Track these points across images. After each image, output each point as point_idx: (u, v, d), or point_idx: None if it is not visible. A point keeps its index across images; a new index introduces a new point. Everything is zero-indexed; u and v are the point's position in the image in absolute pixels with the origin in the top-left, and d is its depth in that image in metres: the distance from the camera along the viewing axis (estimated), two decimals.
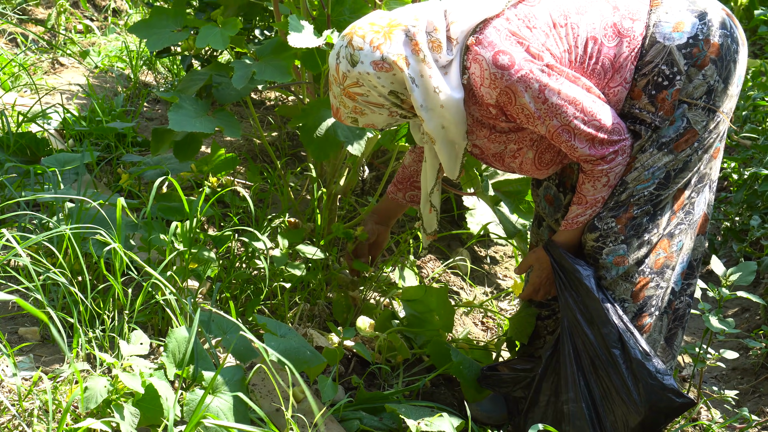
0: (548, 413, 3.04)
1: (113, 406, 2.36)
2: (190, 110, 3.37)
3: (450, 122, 2.84)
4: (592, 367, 2.93)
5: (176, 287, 3.04)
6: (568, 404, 2.95)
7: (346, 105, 2.90)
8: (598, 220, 2.93)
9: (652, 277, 2.98)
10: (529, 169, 3.00)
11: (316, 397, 3.03)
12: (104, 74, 6.08)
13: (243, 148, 4.90)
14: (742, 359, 4.24)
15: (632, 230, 2.93)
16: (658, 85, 2.83)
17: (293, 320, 3.50)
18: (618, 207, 2.92)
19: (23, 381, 2.58)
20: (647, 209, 2.92)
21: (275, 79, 3.34)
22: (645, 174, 2.88)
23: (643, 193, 2.90)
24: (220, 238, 3.37)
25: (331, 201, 3.95)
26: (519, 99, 2.74)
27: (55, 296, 2.98)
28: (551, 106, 2.74)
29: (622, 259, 2.94)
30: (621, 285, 2.97)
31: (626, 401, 2.88)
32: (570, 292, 2.98)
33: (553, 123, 2.77)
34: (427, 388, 3.42)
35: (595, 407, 2.93)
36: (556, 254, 3.02)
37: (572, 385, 2.95)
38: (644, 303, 2.99)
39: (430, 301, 3.56)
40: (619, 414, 2.90)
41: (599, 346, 2.91)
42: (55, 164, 3.58)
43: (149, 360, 2.81)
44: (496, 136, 2.92)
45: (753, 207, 5.10)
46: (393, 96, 2.84)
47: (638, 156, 2.88)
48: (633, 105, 2.87)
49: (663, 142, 2.86)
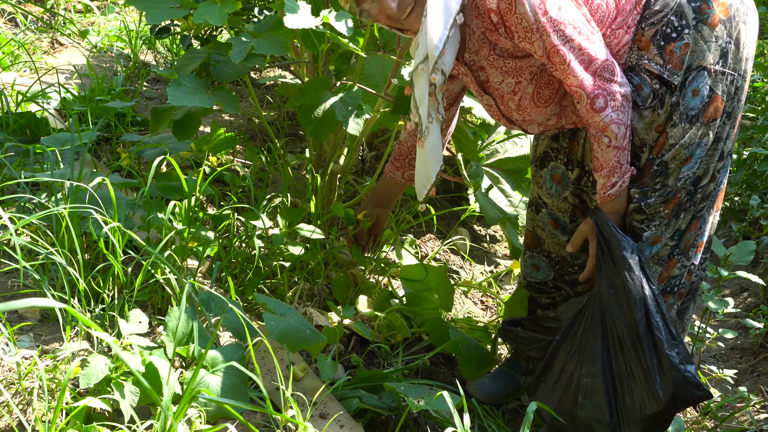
0: (561, 380, 3.00)
1: (113, 385, 2.37)
2: (189, 87, 3.37)
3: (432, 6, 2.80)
4: (619, 347, 2.88)
5: (176, 266, 3.05)
6: (588, 378, 2.91)
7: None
8: (644, 205, 2.89)
9: (679, 257, 2.98)
10: (527, 106, 2.96)
11: (316, 376, 3.04)
12: (103, 54, 6.07)
13: (242, 127, 4.90)
14: (740, 339, 4.25)
15: (675, 214, 2.92)
16: (667, 36, 2.80)
17: (293, 299, 3.50)
18: (666, 191, 2.89)
19: (23, 360, 2.58)
20: (689, 189, 2.92)
21: (273, 53, 3.33)
22: (684, 153, 2.86)
23: (688, 175, 2.88)
24: (219, 217, 3.37)
25: (331, 181, 3.95)
26: (519, 7, 2.71)
27: (54, 276, 2.99)
28: (549, 20, 2.71)
29: (658, 239, 2.93)
30: (652, 267, 2.95)
31: (648, 389, 2.84)
32: (609, 267, 2.90)
33: (550, 39, 2.73)
34: (426, 367, 3.43)
35: (614, 387, 2.92)
36: (603, 225, 2.92)
37: (595, 360, 2.91)
38: (668, 284, 2.99)
39: (430, 280, 3.57)
40: (637, 399, 2.86)
41: (628, 329, 2.85)
42: (54, 144, 3.57)
43: (149, 339, 2.81)
44: (495, 59, 2.90)
45: (752, 187, 5.10)
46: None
47: (669, 131, 2.84)
48: (641, 56, 2.83)
49: (692, 114, 2.83)
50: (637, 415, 2.87)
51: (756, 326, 3.88)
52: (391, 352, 3.45)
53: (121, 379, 2.42)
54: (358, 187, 4.35)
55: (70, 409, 2.31)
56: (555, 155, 3.17)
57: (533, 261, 3.37)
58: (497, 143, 4.25)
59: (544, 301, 3.38)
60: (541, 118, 3.00)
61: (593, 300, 2.95)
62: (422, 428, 3.02)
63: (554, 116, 3.00)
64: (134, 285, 2.86)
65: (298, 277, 3.62)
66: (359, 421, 2.86)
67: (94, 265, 3.01)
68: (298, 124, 4.95)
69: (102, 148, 4.42)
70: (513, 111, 3.01)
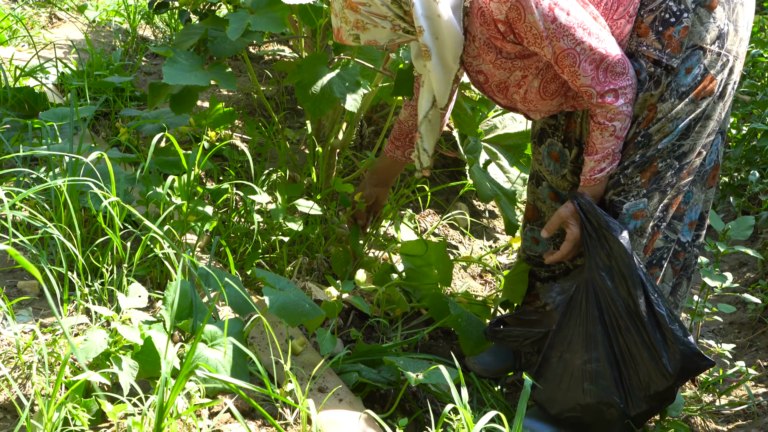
0: (561, 370, 3.02)
1: (112, 359, 2.37)
2: (185, 64, 3.36)
3: (444, 35, 2.80)
4: (618, 328, 2.88)
5: (175, 241, 3.05)
6: (592, 363, 2.91)
7: (347, 20, 2.85)
8: (622, 176, 2.91)
9: (662, 230, 2.98)
10: (533, 99, 2.96)
11: (315, 350, 3.05)
12: (102, 28, 6.05)
13: (241, 102, 4.89)
14: (739, 314, 4.26)
15: (655, 184, 2.91)
16: (665, 21, 2.80)
17: (292, 274, 3.51)
18: (644, 161, 2.89)
19: (22, 334, 2.59)
20: (670, 162, 2.90)
21: (270, 29, 3.32)
22: (669, 126, 2.86)
23: (667, 145, 2.88)
24: (218, 191, 3.37)
25: (330, 155, 3.95)
26: (528, 16, 2.70)
27: (54, 251, 2.99)
28: (559, 26, 2.70)
29: (642, 213, 2.92)
30: (636, 240, 2.95)
31: (655, 366, 2.84)
32: (598, 250, 2.90)
33: (560, 44, 2.73)
34: (425, 342, 3.44)
35: (618, 369, 2.92)
36: (587, 209, 2.93)
37: (597, 344, 2.90)
38: (653, 255, 2.99)
39: (429, 255, 3.57)
40: (644, 377, 2.86)
41: (627, 309, 2.85)
42: (52, 119, 3.56)
43: (148, 313, 2.82)
44: (502, 62, 2.89)
45: (751, 162, 5.10)
46: (396, 5, 2.80)
47: (659, 106, 2.85)
48: (640, 42, 2.83)
49: (682, 91, 2.84)
50: (645, 393, 2.88)
51: (754, 301, 3.89)
52: (390, 326, 3.45)
53: (120, 353, 2.43)
54: (357, 162, 4.35)
55: (70, 383, 2.32)
56: (552, 132, 3.17)
57: (533, 234, 3.37)
58: (496, 118, 4.25)
59: (544, 275, 3.38)
60: (546, 108, 3.00)
61: (584, 285, 2.95)
62: (421, 402, 3.03)
63: (558, 105, 3.01)
64: (133, 260, 2.86)
65: (297, 252, 3.62)
66: (358, 395, 2.87)
67: (93, 240, 3.01)
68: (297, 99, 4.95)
69: (101, 123, 4.42)
70: (517, 102, 3.01)
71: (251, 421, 2.57)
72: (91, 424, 2.36)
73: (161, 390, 2.14)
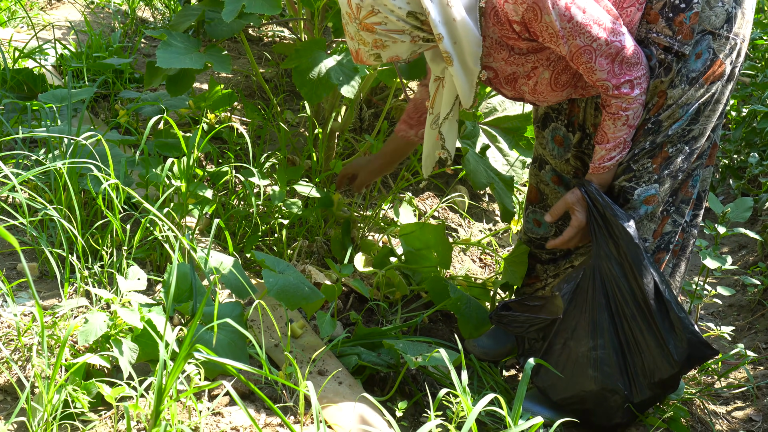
0: (564, 357, 3.00)
1: (112, 341, 2.38)
2: (179, 47, 3.35)
3: (462, 38, 2.75)
4: (623, 315, 2.89)
5: (174, 223, 3.05)
6: (598, 350, 2.91)
7: (365, 41, 2.78)
8: (633, 162, 2.90)
9: (671, 214, 2.97)
10: (543, 90, 2.93)
11: (315, 333, 3.05)
12: (101, 10, 6.03)
13: (241, 84, 4.88)
14: (738, 296, 4.26)
15: (666, 169, 2.90)
16: (675, 8, 2.78)
17: (292, 257, 3.51)
18: (654, 147, 2.88)
19: (22, 316, 2.59)
20: (680, 147, 2.90)
21: (265, 11, 3.30)
22: (679, 111, 2.85)
23: (677, 130, 2.87)
24: (218, 174, 3.36)
25: (329, 138, 3.94)
26: (545, 16, 2.67)
27: (53, 233, 2.99)
28: (576, 24, 2.68)
29: (653, 199, 2.92)
30: (646, 225, 2.95)
31: (660, 353, 2.86)
32: (606, 237, 2.90)
33: (576, 42, 2.71)
34: (425, 324, 3.44)
35: (623, 356, 2.92)
36: (594, 196, 2.92)
37: (603, 332, 2.91)
38: (661, 240, 2.99)
39: (428, 238, 3.57)
40: (649, 365, 2.88)
41: (633, 297, 2.87)
42: (51, 100, 3.56)
43: (148, 296, 2.82)
44: (515, 58, 2.86)
45: (751, 144, 5.09)
46: (412, 17, 2.72)
47: (669, 92, 2.84)
48: (650, 29, 2.82)
49: (692, 76, 2.83)
50: (649, 380, 2.89)
51: (754, 283, 3.89)
52: (390, 309, 3.45)
53: (120, 335, 2.43)
54: (356, 144, 4.34)
55: (70, 366, 2.32)
56: (555, 116, 3.17)
57: (535, 216, 3.38)
58: (496, 100, 4.23)
59: (545, 257, 3.38)
60: (555, 99, 2.98)
61: (590, 273, 2.95)
62: (420, 385, 3.03)
63: (567, 95, 2.99)
64: (133, 242, 2.86)
65: (296, 235, 3.62)
66: (358, 377, 2.88)
67: (93, 223, 3.01)
68: None
69: (100, 105, 4.41)
70: (526, 93, 2.98)
71: (251, 403, 2.57)
72: (91, 406, 2.37)
73: (160, 372, 2.14)
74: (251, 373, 2.46)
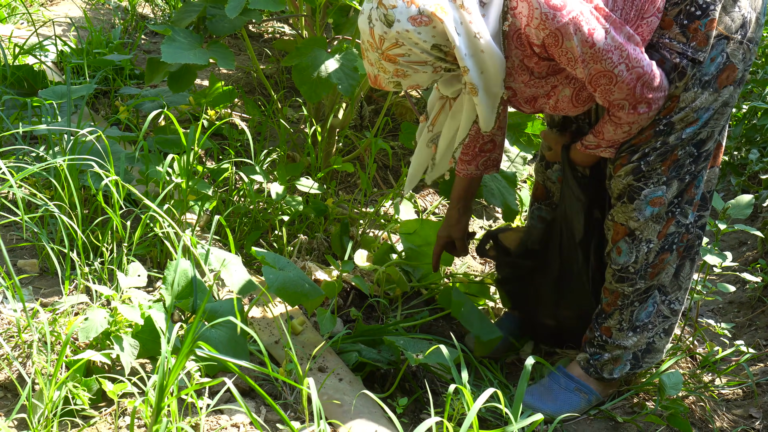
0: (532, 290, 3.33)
1: (113, 338, 2.38)
2: (183, 42, 3.35)
3: (489, 68, 2.69)
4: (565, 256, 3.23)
5: (174, 220, 3.05)
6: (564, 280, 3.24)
7: (386, 70, 2.71)
8: (644, 163, 2.88)
9: (676, 215, 2.97)
10: (564, 107, 2.88)
11: (315, 330, 3.05)
12: (101, 6, 6.03)
13: (241, 81, 4.88)
14: (738, 293, 4.26)
15: (674, 171, 2.89)
16: (691, 15, 2.74)
17: (292, 253, 3.51)
18: (666, 149, 2.87)
19: (22, 313, 2.59)
20: (689, 150, 2.89)
21: (268, 7, 3.30)
22: (693, 115, 2.83)
23: (690, 135, 2.86)
24: (218, 170, 3.36)
25: (330, 135, 3.94)
26: (566, 42, 2.62)
27: (54, 229, 2.99)
28: (597, 51, 2.63)
29: (660, 200, 2.91)
30: (651, 226, 2.94)
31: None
32: (565, 194, 3.17)
33: (595, 67, 2.66)
34: (425, 321, 3.44)
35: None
36: (566, 162, 3.09)
37: (553, 270, 3.25)
38: (665, 241, 2.98)
39: (428, 235, 3.57)
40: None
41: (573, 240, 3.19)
42: (52, 97, 3.56)
43: (148, 293, 2.82)
44: (535, 82, 2.81)
45: (752, 141, 5.09)
46: (436, 50, 2.65)
47: (682, 95, 2.81)
48: (662, 35, 2.78)
49: (706, 80, 2.81)
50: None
51: (754, 280, 3.89)
52: (390, 306, 3.45)
53: (120, 332, 2.43)
54: (356, 141, 4.34)
55: (71, 363, 2.32)
56: (575, 117, 3.14)
57: (540, 213, 3.38)
58: None
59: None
60: (575, 113, 2.94)
61: (558, 217, 3.21)
62: (420, 382, 3.03)
63: (588, 107, 2.95)
64: (133, 239, 2.86)
65: (297, 231, 3.62)
66: (358, 374, 2.88)
67: (93, 219, 3.01)
68: None
69: (100, 102, 4.41)
70: (546, 109, 2.94)
71: (251, 400, 2.57)
72: (92, 403, 2.37)
73: (161, 369, 2.14)
74: (251, 369, 2.46)
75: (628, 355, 3.09)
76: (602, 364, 3.09)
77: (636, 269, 2.97)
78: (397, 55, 2.65)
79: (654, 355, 3.15)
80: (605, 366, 3.09)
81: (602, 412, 3.11)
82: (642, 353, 3.11)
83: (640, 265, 2.97)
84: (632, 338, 3.07)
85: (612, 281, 3.03)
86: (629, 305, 3.03)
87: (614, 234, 2.99)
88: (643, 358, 3.13)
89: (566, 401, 3.08)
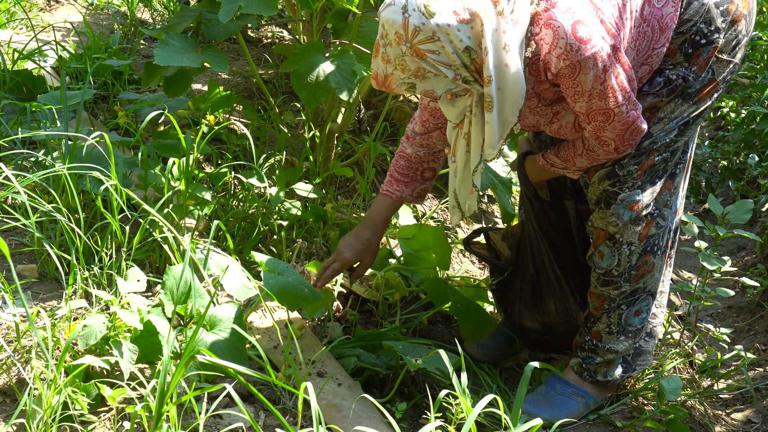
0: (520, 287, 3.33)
1: (112, 343, 2.38)
2: (177, 46, 3.35)
3: (509, 87, 2.62)
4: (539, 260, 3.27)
5: (173, 225, 3.05)
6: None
7: (405, 68, 2.60)
8: (619, 167, 2.89)
9: (655, 217, 2.98)
10: (567, 133, 2.88)
11: (314, 335, 3.05)
12: (100, 11, 6.04)
13: (240, 86, 4.89)
14: (737, 298, 4.26)
15: (649, 176, 2.91)
16: (695, 44, 2.79)
17: (291, 258, 3.51)
18: (640, 154, 2.88)
19: (21, 318, 2.59)
20: (666, 156, 2.91)
21: (261, 12, 3.30)
22: (670, 124, 2.87)
23: (665, 140, 2.87)
24: (217, 175, 3.36)
25: (328, 139, 3.94)
26: (581, 75, 2.60)
27: (52, 234, 2.99)
28: (606, 88, 2.63)
29: (636, 204, 2.92)
30: (630, 229, 2.95)
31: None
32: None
33: (598, 103, 2.66)
34: (424, 326, 3.44)
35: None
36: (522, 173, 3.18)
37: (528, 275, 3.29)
38: (647, 242, 2.99)
39: (427, 239, 3.57)
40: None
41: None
42: (51, 102, 3.56)
43: (147, 298, 2.82)
44: (540, 109, 2.82)
45: (750, 146, 5.09)
46: (466, 54, 2.56)
47: (663, 107, 2.85)
48: (666, 61, 2.82)
49: (688, 93, 2.85)
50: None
51: (753, 285, 3.89)
52: (389, 311, 3.45)
53: (120, 337, 2.43)
54: (355, 146, 4.34)
55: (69, 368, 2.32)
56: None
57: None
58: None
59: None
60: (576, 137, 2.93)
61: (527, 220, 3.26)
62: (420, 387, 3.03)
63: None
64: (132, 244, 2.86)
65: (296, 236, 3.62)
66: (357, 379, 2.88)
67: (92, 224, 3.01)
68: None
69: (99, 107, 4.41)
70: (545, 131, 2.95)
71: (250, 405, 2.57)
72: (91, 408, 2.37)
73: (162, 374, 2.14)
74: (250, 375, 2.46)
75: (619, 359, 3.11)
76: (595, 368, 3.10)
77: (619, 272, 2.99)
78: (427, 51, 2.54)
79: (645, 358, 3.18)
80: (598, 369, 3.10)
81: (601, 416, 3.11)
82: (632, 357, 3.13)
83: (623, 268, 2.99)
84: (624, 342, 3.07)
85: (597, 285, 3.05)
86: (616, 308, 3.04)
87: (596, 238, 3.01)
88: (635, 361, 3.15)
89: (564, 406, 3.08)
